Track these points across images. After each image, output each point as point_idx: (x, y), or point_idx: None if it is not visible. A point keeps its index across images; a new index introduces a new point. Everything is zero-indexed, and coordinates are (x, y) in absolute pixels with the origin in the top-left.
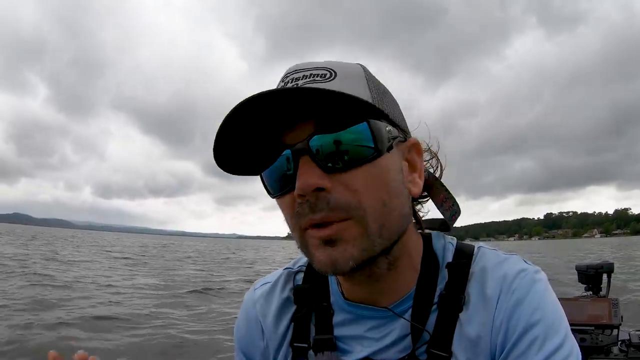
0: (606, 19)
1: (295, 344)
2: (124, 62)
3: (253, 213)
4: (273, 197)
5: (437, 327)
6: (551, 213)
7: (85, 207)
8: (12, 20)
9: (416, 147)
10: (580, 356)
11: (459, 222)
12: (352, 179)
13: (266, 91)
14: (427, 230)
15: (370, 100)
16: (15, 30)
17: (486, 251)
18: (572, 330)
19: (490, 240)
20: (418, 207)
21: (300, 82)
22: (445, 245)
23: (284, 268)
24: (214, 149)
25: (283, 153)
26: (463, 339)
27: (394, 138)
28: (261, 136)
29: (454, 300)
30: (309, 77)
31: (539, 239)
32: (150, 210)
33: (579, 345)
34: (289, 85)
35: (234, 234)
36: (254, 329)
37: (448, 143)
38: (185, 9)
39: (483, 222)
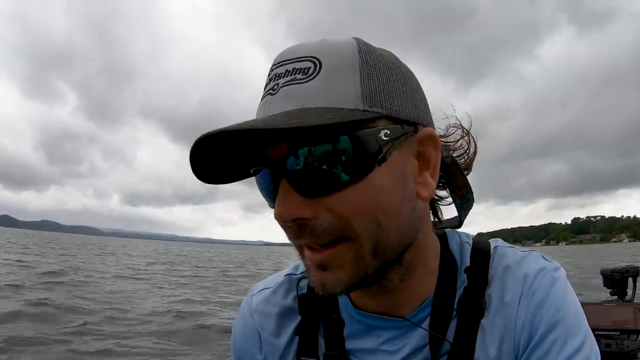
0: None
1: (302, 358)
2: (153, 69)
3: None
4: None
5: (458, 335)
6: (579, 217)
7: (114, 215)
8: (43, 29)
9: (431, 138)
10: (599, 356)
11: (486, 228)
12: (336, 203)
13: (222, 130)
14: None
15: (356, 101)
16: (46, 38)
17: (504, 250)
18: (597, 335)
19: (516, 246)
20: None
21: (281, 82)
22: (462, 245)
23: (285, 274)
24: (192, 168)
25: (263, 170)
26: (486, 345)
27: (396, 138)
28: (243, 148)
29: (475, 306)
30: (291, 74)
31: (566, 244)
32: (177, 217)
33: (604, 351)
34: (271, 84)
35: (261, 241)
36: (251, 340)
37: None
38: (216, 15)
39: (510, 227)
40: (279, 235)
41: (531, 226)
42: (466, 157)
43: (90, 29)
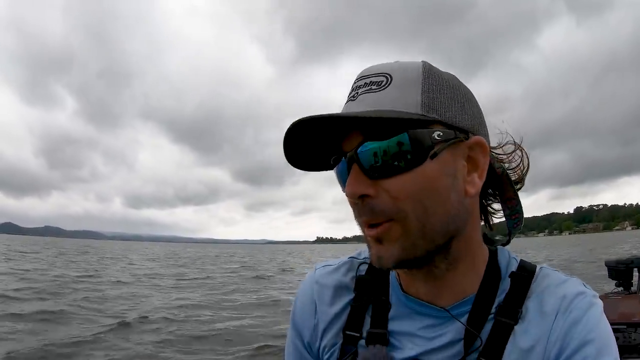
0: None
1: (347, 332)
2: (152, 71)
3: (282, 218)
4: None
5: (492, 336)
6: (581, 207)
7: (116, 218)
8: (39, 33)
9: (480, 145)
10: None
11: None
12: (393, 186)
13: (309, 117)
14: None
15: (417, 108)
16: (42, 42)
17: (548, 271)
18: None
19: (520, 237)
20: (491, 203)
21: (360, 91)
22: (510, 260)
23: (349, 256)
24: (285, 154)
25: (342, 159)
26: (515, 351)
27: (446, 140)
28: (325, 141)
29: (512, 312)
30: (368, 85)
31: (569, 233)
32: (179, 219)
33: None
34: (352, 93)
35: (264, 240)
36: (307, 307)
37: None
38: (212, 14)
39: None
40: (281, 233)
41: (534, 217)
42: (519, 171)
43: (87, 32)
